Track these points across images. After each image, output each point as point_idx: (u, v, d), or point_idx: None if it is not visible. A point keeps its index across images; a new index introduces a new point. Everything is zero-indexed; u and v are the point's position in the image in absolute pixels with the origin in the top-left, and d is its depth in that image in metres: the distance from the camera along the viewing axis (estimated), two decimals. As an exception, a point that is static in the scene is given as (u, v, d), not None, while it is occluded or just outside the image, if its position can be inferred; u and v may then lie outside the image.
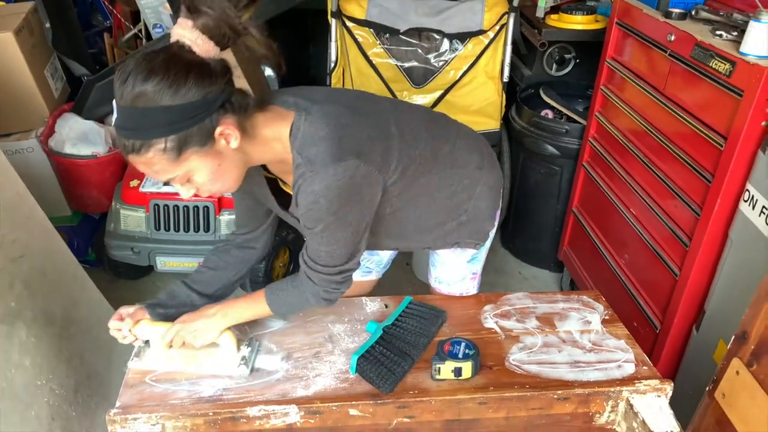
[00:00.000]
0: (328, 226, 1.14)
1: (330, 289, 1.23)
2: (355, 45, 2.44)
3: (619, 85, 2.11)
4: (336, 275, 1.21)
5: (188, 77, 0.96)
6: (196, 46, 0.97)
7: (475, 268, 1.52)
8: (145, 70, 0.95)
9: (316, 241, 1.18)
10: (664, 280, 1.85)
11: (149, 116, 0.96)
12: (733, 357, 1.21)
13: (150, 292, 2.65)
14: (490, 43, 2.45)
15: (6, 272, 1.57)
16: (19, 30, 2.39)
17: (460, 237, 1.43)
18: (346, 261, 1.20)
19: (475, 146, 1.39)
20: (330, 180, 1.08)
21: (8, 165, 1.72)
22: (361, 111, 1.18)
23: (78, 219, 2.62)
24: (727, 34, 1.61)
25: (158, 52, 0.97)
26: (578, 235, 2.46)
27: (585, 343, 1.37)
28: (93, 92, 2.51)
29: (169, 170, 1.03)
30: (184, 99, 0.96)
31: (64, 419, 1.61)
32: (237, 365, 1.25)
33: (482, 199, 1.39)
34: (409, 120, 1.27)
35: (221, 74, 1.00)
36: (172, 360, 1.27)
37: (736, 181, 1.54)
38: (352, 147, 1.10)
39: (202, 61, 0.98)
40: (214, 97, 0.99)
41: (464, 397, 1.22)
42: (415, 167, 1.25)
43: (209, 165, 1.05)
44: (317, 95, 1.18)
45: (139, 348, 1.30)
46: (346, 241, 1.17)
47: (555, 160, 2.53)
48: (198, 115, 0.98)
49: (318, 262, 1.20)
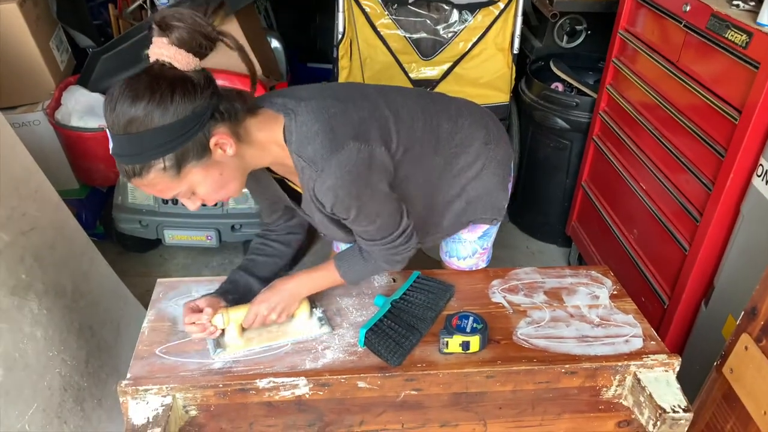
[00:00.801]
0: (360, 210, 1.15)
1: (399, 252, 1.26)
2: (363, 15, 2.40)
3: (632, 57, 2.08)
4: (396, 240, 1.24)
5: (174, 95, 0.97)
6: (176, 61, 0.98)
7: (485, 243, 1.52)
8: (130, 96, 0.96)
9: (359, 225, 1.20)
10: (673, 255, 1.84)
11: (143, 140, 0.98)
12: (742, 332, 1.21)
13: (158, 265, 2.67)
14: (501, 14, 2.41)
15: (16, 245, 1.58)
16: (23, 1, 2.36)
17: (474, 214, 1.42)
18: (398, 225, 1.23)
19: (480, 122, 1.38)
20: (337, 171, 1.09)
21: (16, 138, 1.72)
22: (347, 99, 1.19)
23: (86, 192, 2.62)
24: (744, 4, 1.58)
25: (140, 75, 0.98)
26: (587, 209, 2.45)
27: (593, 318, 1.37)
28: (99, 64, 2.49)
29: (173, 187, 1.05)
30: (174, 117, 0.97)
31: (76, 389, 1.64)
32: (319, 327, 1.31)
33: (491, 175, 1.39)
34: (401, 102, 1.27)
35: (205, 86, 1.01)
36: (251, 341, 1.27)
37: (750, 155, 1.52)
38: (346, 132, 1.11)
39: (185, 76, 0.99)
40: (203, 109, 1.00)
41: (472, 370, 1.22)
42: (418, 149, 1.25)
43: (211, 176, 1.07)
44: (303, 93, 1.19)
45: (215, 340, 1.26)
46: (386, 211, 1.20)
47: (565, 134, 2.50)
48: (190, 130, 0.99)
49: (374, 239, 1.23)
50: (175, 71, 0.99)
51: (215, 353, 1.25)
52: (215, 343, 1.26)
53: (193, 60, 1.00)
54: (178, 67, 0.99)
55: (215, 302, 1.27)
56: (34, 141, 2.19)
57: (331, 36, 2.52)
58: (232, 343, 1.27)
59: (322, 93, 1.20)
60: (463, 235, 1.50)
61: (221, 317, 1.24)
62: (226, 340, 1.27)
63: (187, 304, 1.26)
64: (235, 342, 1.27)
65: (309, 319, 1.33)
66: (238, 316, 1.26)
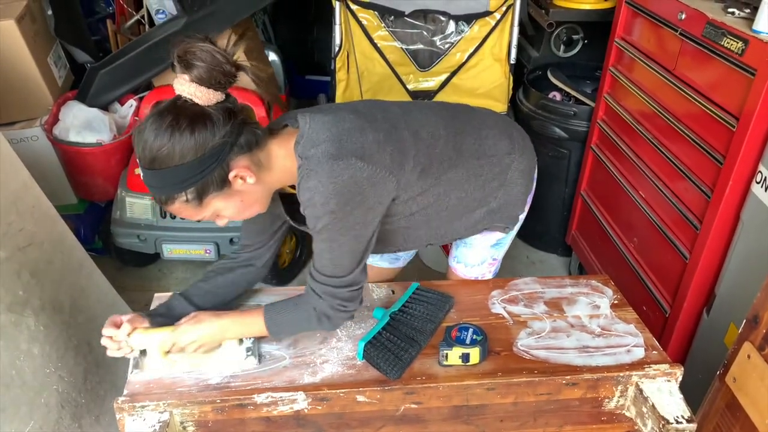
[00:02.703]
0: (328, 226, 1.13)
1: (336, 306, 1.20)
2: (360, 28, 2.41)
3: (629, 66, 2.08)
4: (342, 288, 1.19)
5: (193, 134, 1.01)
6: (197, 98, 1.02)
7: (497, 253, 1.52)
8: (154, 133, 1.02)
9: (319, 246, 1.17)
10: (674, 263, 1.83)
11: (166, 176, 1.04)
12: (744, 341, 1.20)
13: (157, 280, 2.66)
14: (497, 24, 2.41)
15: (13, 261, 1.57)
16: (21, 17, 2.37)
17: (490, 222, 1.43)
18: (350, 271, 1.18)
19: (504, 132, 1.38)
20: (325, 177, 1.09)
21: (13, 154, 1.72)
22: (367, 116, 1.19)
23: (84, 207, 2.62)
24: (739, 12, 1.58)
25: (165, 111, 1.02)
26: (587, 218, 2.44)
27: (594, 328, 1.36)
28: (97, 79, 2.50)
29: (197, 214, 1.11)
30: (193, 155, 1.02)
31: (74, 406, 1.62)
32: (244, 358, 1.24)
33: (514, 185, 1.39)
34: (422, 121, 1.27)
35: (224, 121, 1.04)
36: (175, 364, 1.23)
37: (749, 162, 1.51)
38: (353, 149, 1.11)
39: (204, 113, 1.02)
40: (221, 146, 1.03)
41: (472, 382, 1.21)
42: (438, 165, 1.26)
43: (233, 203, 1.12)
44: (325, 107, 1.22)
45: (136, 359, 1.24)
46: (349, 247, 1.16)
47: (563, 143, 2.50)
48: (209, 167, 1.04)
49: (323, 272, 1.19)
50: (195, 108, 1.02)
51: (132, 373, 1.22)
52: (135, 362, 1.23)
53: (214, 95, 1.03)
54: (199, 104, 1.02)
55: (137, 321, 1.22)
56: (32, 156, 2.19)
57: (328, 48, 2.52)
58: (152, 365, 1.22)
59: (345, 108, 1.22)
60: (475, 241, 1.49)
61: (139, 337, 1.20)
62: (146, 362, 1.22)
63: (111, 318, 1.23)
64: (156, 364, 1.22)
65: (238, 347, 1.25)
66: (157, 339, 1.21)
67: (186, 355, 1.24)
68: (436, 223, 1.36)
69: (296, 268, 2.65)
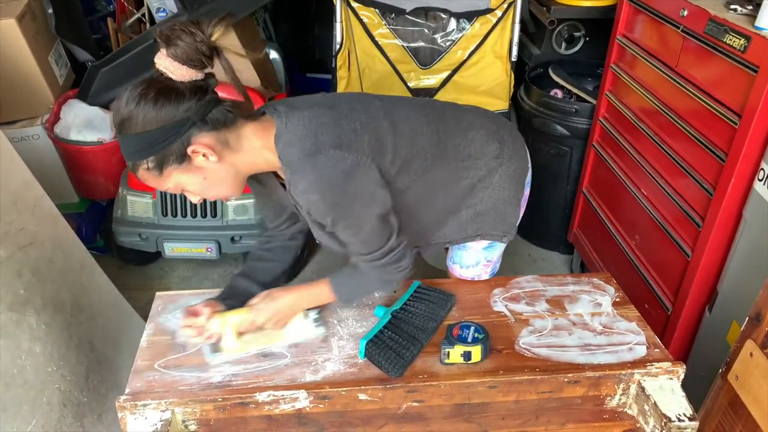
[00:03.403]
0: (339, 218, 1.15)
1: (388, 272, 1.25)
2: (360, 26, 2.40)
3: (630, 63, 2.07)
4: (383, 258, 1.22)
5: (157, 104, 1.04)
6: (171, 73, 1.05)
7: (490, 255, 1.51)
8: (125, 99, 1.05)
9: (343, 236, 1.20)
10: (676, 261, 1.83)
11: (129, 142, 1.07)
12: (746, 339, 1.20)
13: (158, 278, 2.66)
14: (498, 21, 2.40)
15: (15, 260, 1.57)
16: (21, 16, 2.37)
17: (482, 228, 1.42)
18: (385, 242, 1.21)
19: (494, 135, 1.37)
20: (310, 175, 1.11)
21: (14, 153, 1.72)
22: (343, 109, 1.20)
23: (85, 206, 2.62)
24: (741, 8, 1.57)
25: (141, 82, 1.06)
26: (588, 216, 2.44)
27: (596, 326, 1.36)
28: (98, 78, 2.50)
29: (160, 184, 1.13)
30: (154, 126, 1.04)
31: (75, 405, 1.62)
32: (315, 328, 1.32)
33: (502, 189, 1.38)
34: (404, 115, 1.27)
35: (190, 96, 1.06)
36: (248, 344, 1.28)
37: (751, 159, 1.51)
38: (330, 140, 1.13)
39: (173, 87, 1.05)
40: (182, 120, 1.05)
41: (474, 381, 1.21)
42: (420, 162, 1.25)
43: (194, 178, 1.13)
44: (303, 101, 1.22)
45: (213, 344, 1.27)
46: (370, 227, 1.18)
47: (564, 141, 2.49)
48: (168, 138, 1.06)
49: (361, 253, 1.22)
50: (168, 81, 1.05)
51: (211, 357, 1.25)
52: (212, 347, 1.26)
53: (188, 72, 1.05)
54: (173, 78, 1.05)
55: (213, 306, 1.28)
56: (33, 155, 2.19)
57: (329, 46, 2.52)
58: (229, 346, 1.26)
59: (320, 102, 1.22)
60: (469, 244, 1.49)
61: (218, 321, 1.24)
62: (222, 344, 1.27)
63: (186, 308, 1.27)
64: (232, 345, 1.26)
65: (304, 320, 1.33)
66: (234, 320, 1.26)
67: (258, 335, 1.29)
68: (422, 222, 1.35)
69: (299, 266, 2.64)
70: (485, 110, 1.46)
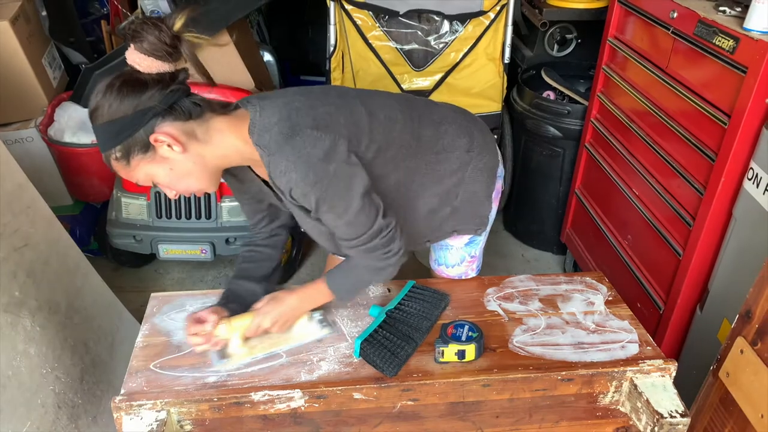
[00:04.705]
0: (321, 200, 1.14)
1: (380, 257, 1.23)
2: (354, 28, 2.41)
3: (622, 65, 2.09)
4: (372, 240, 1.20)
5: (121, 93, 1.06)
6: (138, 65, 1.07)
7: (472, 251, 1.52)
8: (97, 90, 1.09)
9: (328, 219, 1.19)
10: (667, 260, 1.84)
11: (99, 132, 1.10)
12: (737, 336, 1.21)
13: (153, 280, 2.65)
14: (491, 24, 2.42)
15: (9, 262, 1.57)
16: (15, 19, 2.37)
17: (457, 224, 1.43)
18: (372, 222, 1.19)
19: (465, 130, 1.38)
20: (290, 155, 1.11)
21: (8, 155, 1.72)
22: (317, 96, 1.21)
23: (79, 208, 2.61)
24: (730, 10, 1.59)
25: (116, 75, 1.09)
26: (581, 216, 2.45)
27: (588, 324, 1.37)
28: (91, 80, 2.50)
29: (131, 175, 1.15)
30: (118, 114, 1.07)
31: (70, 407, 1.62)
32: (321, 328, 1.32)
33: (474, 183, 1.39)
34: (380, 103, 1.28)
35: (153, 87, 1.08)
36: (255, 349, 1.28)
37: (740, 159, 1.53)
38: (305, 122, 1.14)
39: (137, 78, 1.08)
40: (145, 108, 1.07)
41: (468, 379, 1.22)
42: (395, 150, 1.26)
43: (161, 169, 1.14)
44: (279, 92, 1.24)
45: (221, 351, 1.26)
46: (353, 207, 1.17)
47: (557, 142, 2.51)
48: (132, 127, 1.08)
49: (348, 238, 1.21)
50: (134, 74, 1.08)
51: (219, 363, 1.24)
52: (219, 353, 1.26)
53: (154, 63, 1.07)
54: (140, 71, 1.07)
55: (218, 313, 1.27)
56: (27, 157, 2.19)
57: (323, 49, 2.53)
58: (236, 352, 1.26)
59: (295, 91, 1.24)
60: (450, 242, 1.50)
61: (224, 327, 1.24)
62: (230, 350, 1.26)
63: (190, 316, 1.27)
64: (239, 351, 1.26)
65: (309, 322, 1.33)
66: (240, 325, 1.26)
67: (264, 338, 1.29)
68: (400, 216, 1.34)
69: (293, 267, 2.65)
70: (456, 106, 1.46)
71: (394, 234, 1.23)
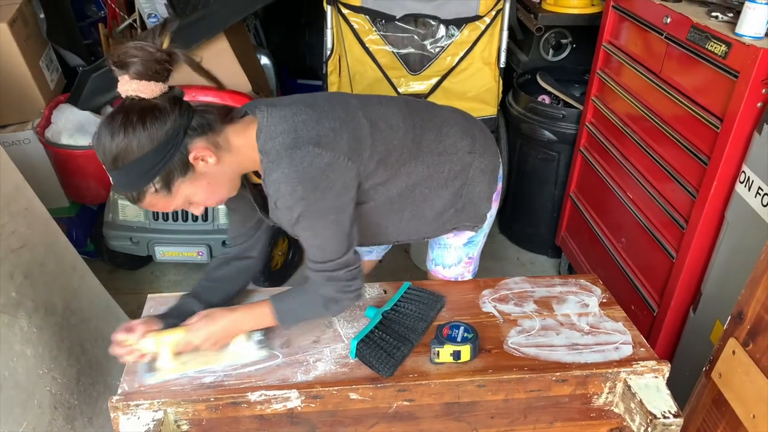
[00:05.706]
0: (303, 214, 1.15)
1: (340, 288, 1.23)
2: (351, 32, 2.43)
3: (616, 69, 2.11)
4: (339, 270, 1.21)
5: (145, 125, 1.04)
6: (141, 93, 1.04)
7: (471, 252, 1.53)
8: (109, 135, 1.05)
9: (303, 236, 1.20)
10: (661, 262, 1.86)
11: (130, 172, 1.07)
12: (729, 337, 1.23)
13: (149, 282, 2.66)
14: (487, 28, 2.44)
15: (6, 263, 1.57)
16: (13, 21, 2.37)
17: (458, 222, 1.44)
18: (343, 252, 1.20)
19: (467, 131, 1.40)
20: (286, 167, 1.12)
21: (5, 157, 1.72)
22: (322, 108, 1.21)
23: (76, 210, 2.62)
24: (722, 16, 1.61)
25: (115, 113, 1.06)
26: (576, 220, 2.47)
27: (583, 326, 1.38)
28: (89, 83, 2.50)
29: (170, 203, 1.14)
30: (150, 145, 1.05)
31: (66, 408, 1.62)
32: (257, 349, 1.27)
33: (476, 184, 1.41)
34: (382, 112, 1.29)
35: (172, 107, 1.07)
36: (186, 365, 1.24)
37: (732, 162, 1.54)
38: (309, 137, 1.14)
39: (151, 105, 1.05)
40: (174, 130, 1.06)
41: (463, 380, 1.23)
42: (396, 156, 1.27)
43: (200, 186, 1.14)
44: (285, 100, 1.24)
45: (148, 364, 1.23)
46: (331, 231, 1.18)
47: (552, 146, 2.53)
48: (168, 153, 1.07)
49: (316, 260, 1.21)
50: (142, 102, 1.05)
51: (146, 376, 1.21)
52: (147, 366, 1.23)
53: (156, 86, 1.05)
54: (145, 98, 1.05)
55: (152, 324, 1.24)
56: (24, 159, 2.19)
57: (320, 52, 2.54)
58: (165, 366, 1.22)
59: (300, 100, 1.24)
60: (449, 241, 1.51)
61: (151, 340, 1.21)
62: (158, 364, 1.22)
63: (125, 324, 1.24)
64: (168, 366, 1.22)
65: (247, 342, 1.28)
66: (169, 340, 1.21)
67: (196, 355, 1.25)
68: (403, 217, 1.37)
69: (288, 270, 2.66)
70: (457, 109, 1.48)
71: (358, 273, 1.24)
